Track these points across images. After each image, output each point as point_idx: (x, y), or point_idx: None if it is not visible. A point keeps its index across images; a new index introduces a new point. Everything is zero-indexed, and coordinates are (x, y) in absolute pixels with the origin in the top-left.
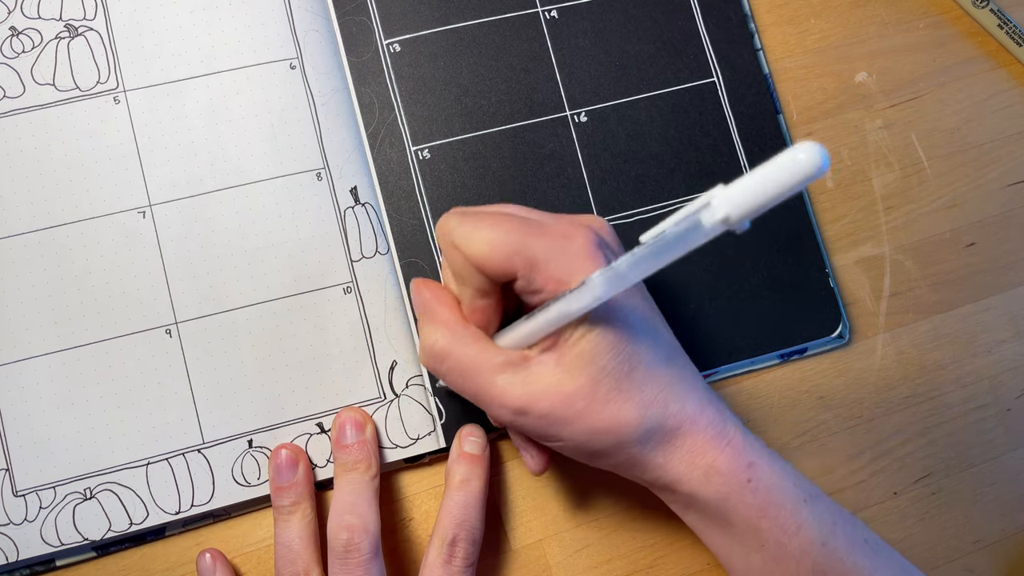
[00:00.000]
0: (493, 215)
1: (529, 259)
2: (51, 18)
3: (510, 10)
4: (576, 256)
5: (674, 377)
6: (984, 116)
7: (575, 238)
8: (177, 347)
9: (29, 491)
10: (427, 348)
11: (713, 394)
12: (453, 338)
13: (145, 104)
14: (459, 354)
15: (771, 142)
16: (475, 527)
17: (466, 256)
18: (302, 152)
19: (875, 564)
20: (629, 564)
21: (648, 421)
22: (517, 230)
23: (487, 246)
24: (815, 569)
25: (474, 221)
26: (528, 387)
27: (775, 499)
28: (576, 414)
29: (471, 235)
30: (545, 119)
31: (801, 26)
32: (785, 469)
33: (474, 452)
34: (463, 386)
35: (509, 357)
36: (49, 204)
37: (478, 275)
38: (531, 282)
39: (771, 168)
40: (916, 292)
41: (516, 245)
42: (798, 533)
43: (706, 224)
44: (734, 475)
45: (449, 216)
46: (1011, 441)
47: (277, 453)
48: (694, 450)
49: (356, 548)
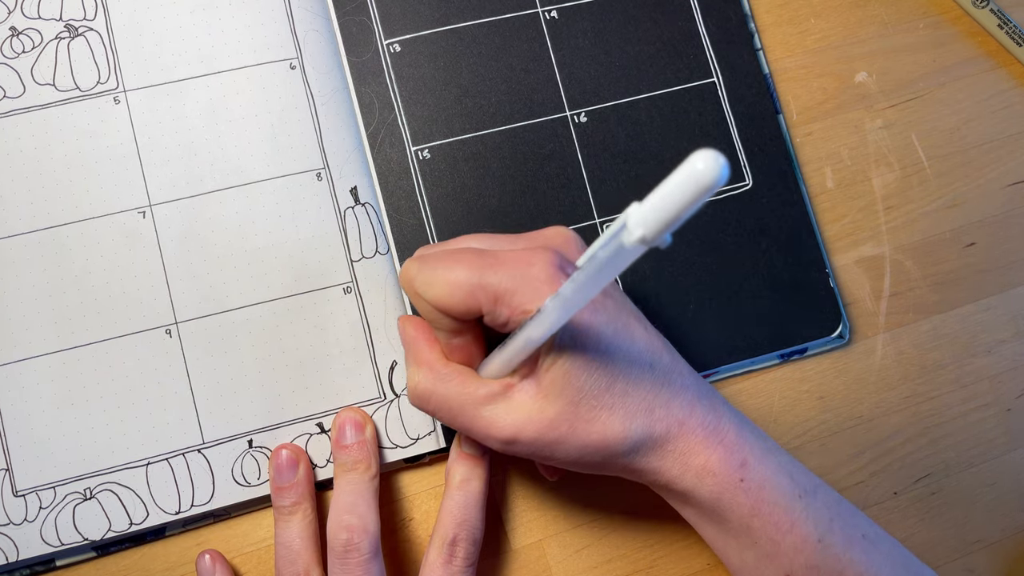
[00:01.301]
0: (450, 254)
1: (491, 293)
2: (51, 18)
3: (510, 10)
4: (536, 281)
5: (657, 381)
6: (984, 116)
7: (534, 263)
8: (177, 347)
9: (29, 491)
10: (411, 389)
11: (704, 388)
12: (436, 378)
13: (145, 104)
14: (443, 393)
15: (771, 142)
16: (475, 527)
17: (428, 303)
18: (302, 152)
19: (872, 559)
20: (629, 564)
21: (634, 431)
22: (474, 266)
23: (447, 288)
24: (808, 565)
25: (432, 264)
26: (512, 416)
27: (768, 497)
28: (562, 436)
29: (430, 280)
30: (545, 119)
31: (801, 26)
32: (781, 464)
33: (474, 453)
34: (452, 422)
35: (491, 389)
36: (49, 204)
37: (445, 318)
38: (497, 315)
39: (673, 182)
40: (916, 292)
41: (476, 281)
42: (791, 531)
43: (627, 245)
44: (726, 475)
45: (410, 263)
46: (1011, 441)
47: (277, 453)
48: (686, 452)
49: (356, 548)
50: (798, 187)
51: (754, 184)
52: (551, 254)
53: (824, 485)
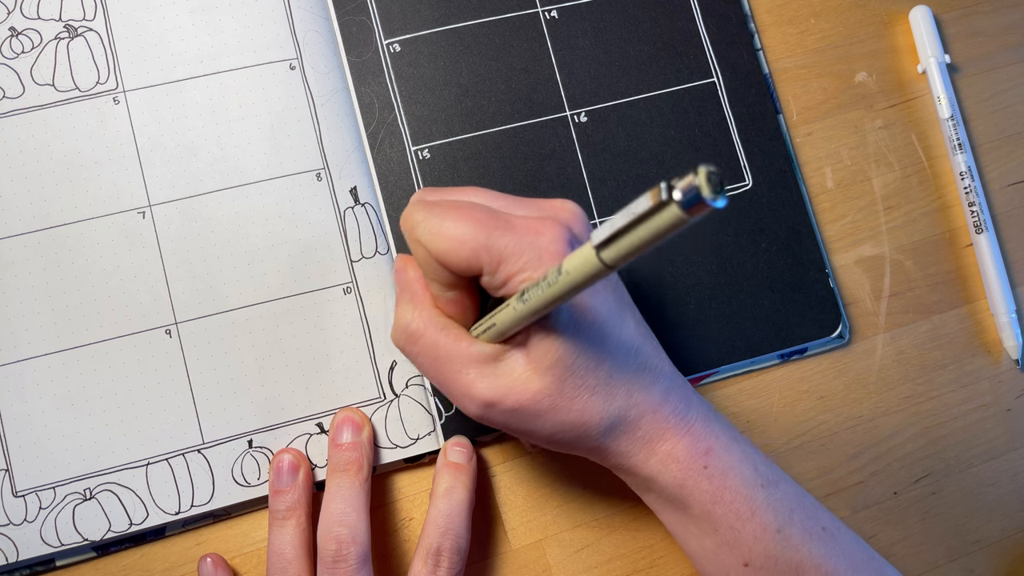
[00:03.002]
0: (459, 208)
1: (496, 255)
2: (51, 18)
3: (510, 10)
4: (544, 252)
5: (639, 367)
6: (984, 116)
7: (543, 233)
8: (177, 347)
9: (29, 491)
10: (402, 326)
11: (679, 380)
12: (430, 321)
13: (145, 104)
14: (432, 338)
15: (771, 142)
16: (460, 535)
17: (429, 252)
18: (302, 152)
19: (830, 551)
20: (629, 564)
21: (611, 415)
22: (484, 225)
23: (452, 242)
24: (767, 554)
25: (440, 214)
26: (497, 382)
27: (731, 484)
28: (542, 411)
29: (436, 230)
30: (545, 119)
31: (801, 26)
32: (746, 454)
33: (459, 461)
34: (432, 372)
35: (482, 351)
36: (49, 204)
37: (442, 270)
38: (496, 278)
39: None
40: (916, 292)
41: (483, 241)
42: (752, 519)
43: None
44: (691, 461)
45: (415, 208)
46: (1011, 441)
47: (279, 457)
48: (654, 438)
49: (344, 559)
50: (798, 187)
51: (754, 184)
52: (562, 228)
53: (788, 479)
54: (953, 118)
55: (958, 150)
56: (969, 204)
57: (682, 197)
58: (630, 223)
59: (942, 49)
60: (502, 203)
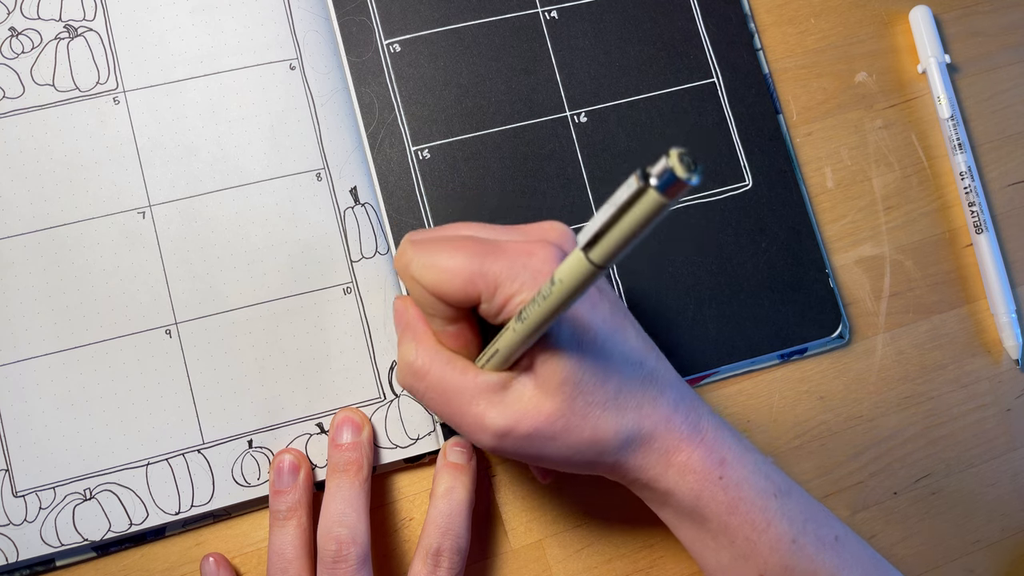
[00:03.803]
0: (449, 241)
1: (491, 281)
2: (51, 19)
3: (510, 10)
4: (538, 272)
5: (645, 380)
6: (984, 116)
7: (535, 253)
8: (177, 347)
9: (29, 491)
10: (407, 364)
11: (685, 390)
12: (435, 356)
13: (145, 104)
14: (439, 374)
15: (771, 142)
16: (460, 535)
17: (425, 288)
18: (302, 152)
19: (843, 561)
20: (629, 564)
21: (625, 429)
22: (476, 253)
23: (447, 274)
24: (783, 565)
25: (431, 249)
26: (508, 409)
27: (746, 495)
28: (557, 432)
29: (428, 264)
30: (545, 119)
31: (801, 26)
32: (757, 463)
33: (459, 461)
34: (442, 407)
35: (489, 380)
36: (49, 204)
37: (441, 304)
38: (494, 303)
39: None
40: (916, 292)
41: (477, 268)
42: (767, 530)
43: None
44: (706, 472)
45: (406, 246)
46: (1011, 441)
47: (280, 458)
48: (669, 449)
49: (344, 559)
50: (798, 187)
51: (754, 184)
52: (552, 247)
53: (798, 487)
54: (953, 118)
55: (958, 150)
56: (969, 204)
57: (658, 181)
58: (611, 218)
59: (942, 49)
60: (490, 232)
